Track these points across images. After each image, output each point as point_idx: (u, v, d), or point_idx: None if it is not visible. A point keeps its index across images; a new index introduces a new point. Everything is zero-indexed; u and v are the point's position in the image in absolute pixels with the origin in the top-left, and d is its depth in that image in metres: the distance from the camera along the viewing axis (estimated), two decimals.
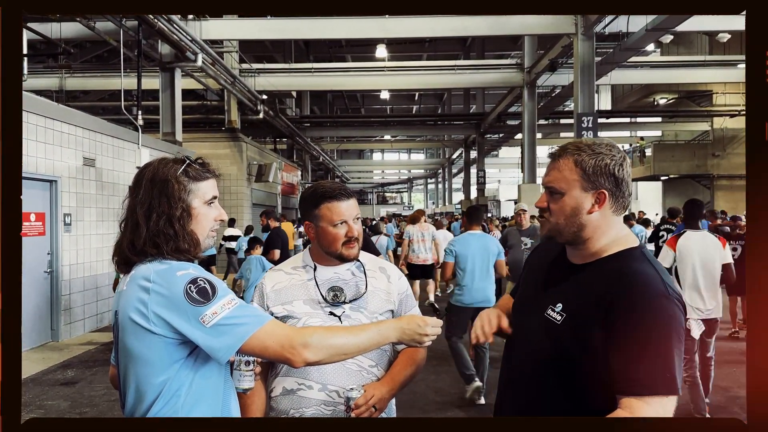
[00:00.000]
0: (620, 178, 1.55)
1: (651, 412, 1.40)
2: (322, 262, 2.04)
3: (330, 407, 1.89)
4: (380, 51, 19.77)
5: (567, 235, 1.59)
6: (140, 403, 1.50)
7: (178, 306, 1.46)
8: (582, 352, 1.48)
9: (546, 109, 19.83)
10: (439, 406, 5.29)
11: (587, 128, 12.51)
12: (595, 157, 1.54)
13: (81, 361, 7.10)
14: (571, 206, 1.56)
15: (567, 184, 1.56)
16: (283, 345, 1.51)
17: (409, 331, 1.68)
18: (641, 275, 1.48)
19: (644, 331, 1.42)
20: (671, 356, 1.42)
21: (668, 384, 1.41)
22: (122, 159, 9.78)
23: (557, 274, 1.65)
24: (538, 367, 1.58)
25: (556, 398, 1.55)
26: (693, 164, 23.58)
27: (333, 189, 2.00)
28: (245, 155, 16.43)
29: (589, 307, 1.49)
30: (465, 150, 31.17)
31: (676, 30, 12.91)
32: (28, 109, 7.41)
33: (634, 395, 1.41)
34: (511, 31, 14.10)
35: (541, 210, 1.64)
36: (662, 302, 1.44)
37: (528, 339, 1.64)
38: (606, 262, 1.56)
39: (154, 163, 1.61)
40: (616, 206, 1.57)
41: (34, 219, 7.69)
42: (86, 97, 19.61)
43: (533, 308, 1.64)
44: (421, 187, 61.43)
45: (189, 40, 11.55)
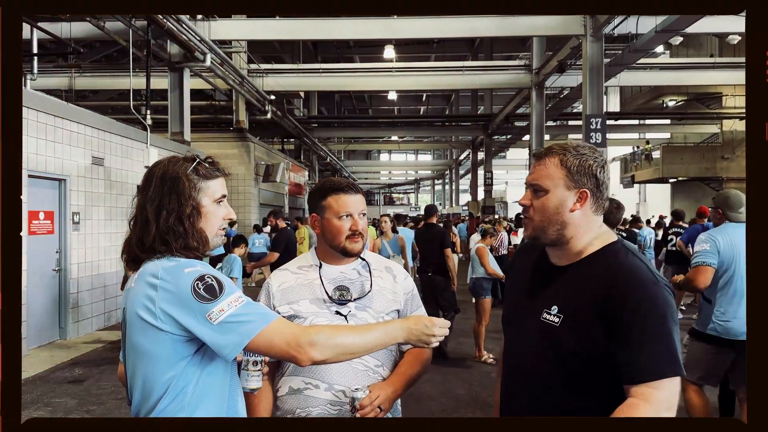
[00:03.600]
0: (601, 180, 1.62)
1: (662, 396, 1.45)
2: (328, 260, 2.04)
3: (336, 407, 1.89)
4: (388, 52, 19.76)
5: (551, 233, 1.62)
6: (147, 399, 1.50)
7: (186, 303, 1.46)
8: (584, 351, 1.52)
9: (554, 111, 19.74)
10: (446, 407, 5.28)
11: (596, 130, 12.45)
12: (580, 158, 1.61)
13: (89, 360, 7.13)
14: (554, 203, 1.61)
15: (552, 181, 1.61)
16: (289, 343, 1.51)
17: (417, 332, 1.67)
18: (631, 267, 1.55)
19: (643, 319, 1.47)
20: (672, 339, 1.49)
21: (674, 366, 1.48)
22: (131, 158, 9.82)
23: (543, 277, 1.69)
24: (542, 372, 1.61)
25: (564, 400, 1.57)
26: (702, 167, 23.42)
27: (341, 182, 2.03)
28: (253, 155, 16.48)
29: (585, 305, 1.54)
30: (472, 151, 31.11)
31: (685, 32, 12.82)
32: (37, 108, 7.46)
33: (643, 383, 1.46)
34: (520, 32, 14.05)
35: (524, 208, 1.67)
36: (655, 289, 1.51)
37: (527, 345, 1.66)
38: (593, 260, 1.61)
39: (164, 161, 1.61)
40: (596, 206, 1.62)
41: (43, 217, 7.73)
42: (95, 97, 19.71)
43: (527, 314, 1.67)
44: (428, 188, 61.38)
45: (198, 40, 11.59)
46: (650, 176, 25.24)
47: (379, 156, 54.12)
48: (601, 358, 1.50)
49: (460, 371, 5.67)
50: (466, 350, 7.29)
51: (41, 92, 8.93)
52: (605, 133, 12.67)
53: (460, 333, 8.00)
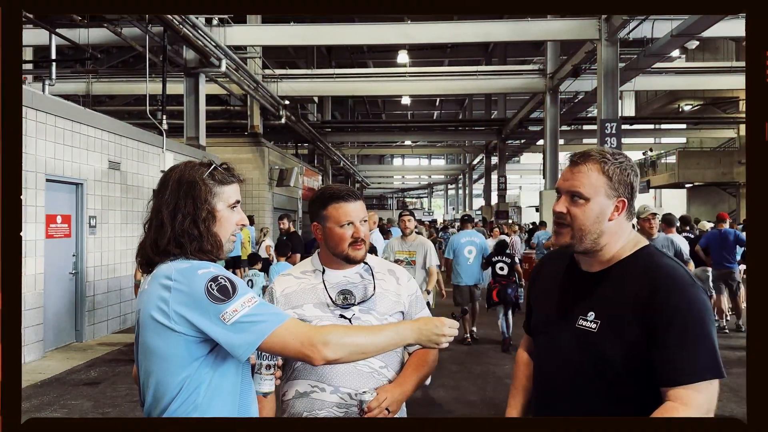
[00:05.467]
0: (635, 188, 1.62)
1: (701, 399, 1.43)
2: (331, 266, 2.06)
3: (343, 409, 1.90)
4: (402, 57, 19.79)
5: (587, 242, 1.60)
6: (160, 400, 1.51)
7: (199, 304, 1.47)
8: (623, 355, 1.50)
9: (569, 115, 19.67)
10: (459, 413, 5.25)
11: (610, 134, 12.38)
12: (619, 166, 1.59)
13: (104, 362, 7.19)
14: (596, 212, 1.59)
15: (593, 190, 1.58)
16: (303, 342, 1.51)
17: (427, 332, 1.68)
18: (669, 268, 1.54)
19: (684, 321, 1.46)
20: (711, 340, 1.46)
21: (714, 368, 1.45)
22: (147, 163, 9.92)
23: (575, 284, 1.67)
24: (578, 379, 1.59)
25: (602, 407, 1.55)
26: (719, 172, 23.17)
27: (341, 190, 2.03)
28: (267, 160, 16.56)
29: (624, 309, 1.52)
30: (486, 156, 31.04)
31: (701, 36, 12.71)
32: (55, 113, 7.56)
33: (681, 384, 1.44)
34: (534, 36, 14.01)
35: (559, 215, 1.63)
36: (693, 291, 1.50)
37: (563, 355, 1.63)
38: (628, 264, 1.59)
39: (180, 166, 1.63)
40: (629, 213, 1.63)
41: (60, 221, 7.83)
42: (112, 102, 19.91)
43: (560, 322, 1.65)
44: (441, 193, 61.27)
45: (213, 45, 11.69)
46: (666, 181, 25.03)
47: (392, 160, 54.15)
48: (641, 363, 1.48)
49: (473, 377, 5.65)
50: (480, 354, 7.26)
51: (59, 97, 9.05)
52: (620, 138, 12.60)
53: (475, 337, 7.96)
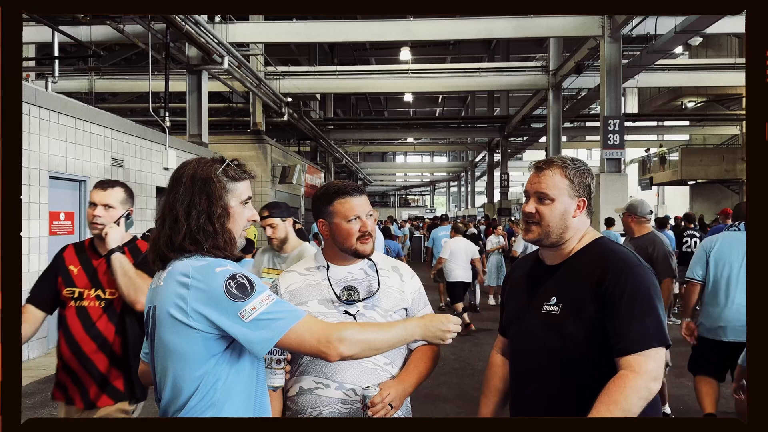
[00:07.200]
0: (592, 189, 1.90)
1: (650, 365, 1.64)
2: (336, 261, 2.07)
3: (347, 405, 1.91)
4: (404, 54, 19.74)
5: (554, 237, 1.84)
6: (178, 397, 1.53)
7: (218, 301, 1.48)
8: (584, 333, 1.73)
9: (571, 112, 19.62)
10: (461, 410, 5.26)
11: (613, 131, 12.38)
12: (579, 170, 1.86)
13: None
14: (561, 210, 1.84)
15: (558, 191, 1.84)
16: (319, 339, 1.54)
17: (433, 328, 1.73)
18: (619, 252, 1.81)
19: (632, 295, 1.69)
20: (657, 313, 1.70)
21: (660, 336, 1.69)
22: (149, 160, 9.93)
23: (540, 278, 1.90)
24: (548, 358, 1.79)
25: (568, 381, 1.76)
26: (722, 169, 23.08)
27: (345, 186, 2.07)
28: (269, 157, 16.57)
29: (581, 291, 1.76)
30: (488, 153, 31.02)
31: (705, 32, 12.66)
32: (58, 110, 7.57)
33: (632, 353, 1.65)
34: (537, 33, 14.01)
35: (528, 215, 1.86)
36: (640, 270, 1.75)
37: (532, 338, 1.85)
38: (584, 253, 1.85)
39: (193, 162, 1.63)
40: (588, 212, 1.89)
41: (64, 218, 7.85)
42: (115, 99, 19.94)
43: (529, 311, 1.88)
44: (443, 190, 61.28)
45: (216, 43, 11.69)
46: (669, 178, 24.96)
47: (394, 158, 54.13)
48: (599, 338, 1.70)
49: (475, 373, 5.66)
50: (484, 353, 7.27)
51: (62, 95, 9.07)
52: (623, 135, 12.59)
53: (477, 334, 7.98)
